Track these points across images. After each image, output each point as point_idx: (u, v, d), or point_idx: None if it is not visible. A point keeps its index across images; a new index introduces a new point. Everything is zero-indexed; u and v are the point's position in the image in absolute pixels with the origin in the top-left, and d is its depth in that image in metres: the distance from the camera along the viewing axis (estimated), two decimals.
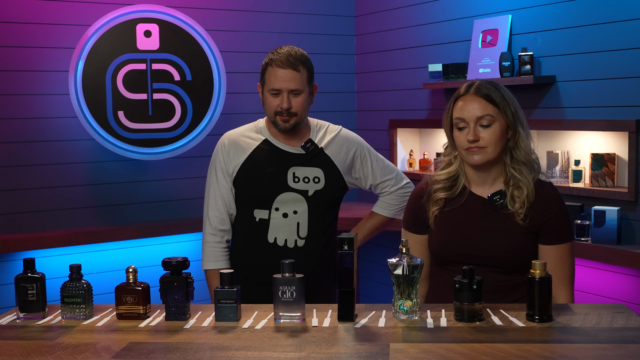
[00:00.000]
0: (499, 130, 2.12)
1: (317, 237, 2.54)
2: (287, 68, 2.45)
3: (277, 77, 2.46)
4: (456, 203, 2.20)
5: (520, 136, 2.14)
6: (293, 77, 2.46)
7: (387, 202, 2.70)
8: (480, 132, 2.11)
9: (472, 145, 2.11)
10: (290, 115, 2.48)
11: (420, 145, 4.48)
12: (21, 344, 1.77)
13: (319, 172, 2.54)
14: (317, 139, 2.58)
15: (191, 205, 4.32)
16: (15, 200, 3.89)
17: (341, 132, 2.63)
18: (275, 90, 2.47)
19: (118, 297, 1.95)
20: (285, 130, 2.51)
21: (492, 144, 2.11)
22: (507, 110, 2.12)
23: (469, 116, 2.12)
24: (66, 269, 2.09)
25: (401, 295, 1.87)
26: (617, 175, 3.31)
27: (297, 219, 2.51)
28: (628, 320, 1.83)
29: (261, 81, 2.55)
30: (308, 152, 2.54)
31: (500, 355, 1.60)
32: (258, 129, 2.60)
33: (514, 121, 2.13)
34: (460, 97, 2.16)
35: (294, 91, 2.47)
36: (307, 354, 1.65)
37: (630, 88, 3.22)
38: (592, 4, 3.36)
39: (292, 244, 2.51)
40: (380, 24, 4.62)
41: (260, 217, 2.52)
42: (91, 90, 3.85)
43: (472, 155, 2.12)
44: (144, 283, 1.97)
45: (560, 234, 2.13)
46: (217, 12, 4.36)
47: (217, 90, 4.13)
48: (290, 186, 2.51)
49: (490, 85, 2.14)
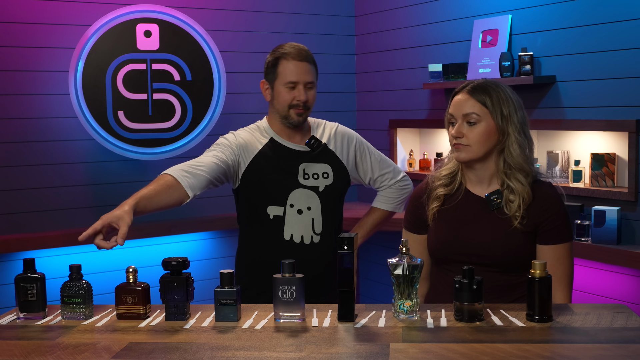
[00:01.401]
0: (484, 130, 2.12)
1: (332, 233, 2.54)
2: (303, 61, 2.46)
3: (294, 69, 2.45)
4: (453, 201, 2.20)
5: (510, 139, 2.12)
6: (308, 70, 2.48)
7: (386, 196, 2.70)
8: (464, 129, 2.13)
9: (457, 141, 2.14)
10: (305, 109, 2.49)
11: (420, 145, 4.48)
12: (21, 344, 1.77)
13: (327, 167, 2.55)
14: (318, 136, 2.59)
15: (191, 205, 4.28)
16: (15, 200, 3.89)
17: (339, 128, 2.64)
18: (292, 83, 2.46)
19: (118, 297, 1.95)
20: (297, 123, 2.50)
21: (476, 143, 2.12)
22: (497, 111, 2.12)
23: (456, 113, 2.15)
24: (66, 269, 2.09)
25: (401, 295, 1.88)
26: (617, 175, 3.31)
27: (311, 215, 2.50)
28: (628, 320, 1.83)
29: (270, 77, 2.51)
30: (313, 149, 2.54)
31: (500, 355, 1.60)
32: (261, 129, 2.58)
33: (504, 123, 2.12)
34: (455, 94, 2.19)
35: (308, 84, 2.48)
36: (307, 354, 1.65)
37: (630, 88, 3.22)
38: (592, 4, 3.36)
39: (308, 240, 2.50)
40: (380, 24, 4.62)
41: (275, 214, 2.50)
42: (91, 90, 3.86)
43: (458, 152, 2.16)
44: (144, 283, 1.97)
45: (558, 233, 2.13)
46: (217, 12, 4.36)
47: (217, 90, 4.13)
48: (301, 183, 2.51)
49: (487, 86, 2.14)
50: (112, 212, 2.07)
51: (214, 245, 4.42)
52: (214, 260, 4.37)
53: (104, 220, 2.03)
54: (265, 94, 2.55)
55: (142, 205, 2.18)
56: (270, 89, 2.52)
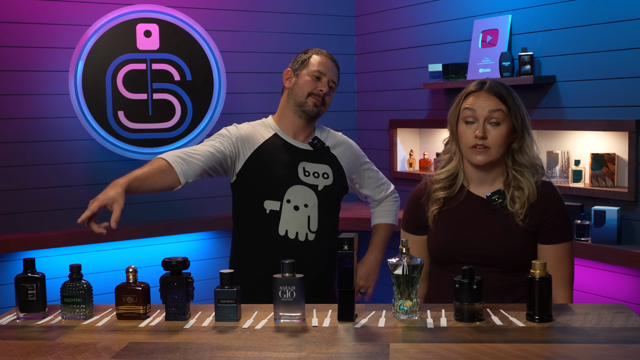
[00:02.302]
0: (506, 131, 2.11)
1: (327, 233, 2.54)
2: (333, 62, 2.58)
3: (324, 63, 2.54)
4: (454, 202, 2.19)
5: (526, 142, 2.13)
6: (336, 71, 2.59)
7: (385, 210, 2.75)
8: (489, 129, 2.10)
9: (479, 142, 2.09)
10: (323, 104, 2.53)
11: (420, 145, 4.48)
12: (21, 344, 1.77)
13: (327, 168, 2.57)
14: (322, 139, 2.61)
15: (191, 205, 4.32)
16: (15, 200, 3.89)
17: (344, 138, 2.69)
18: (319, 74, 2.52)
19: (118, 297, 1.95)
20: (310, 114, 2.52)
21: (496, 146, 2.10)
22: (517, 113, 2.12)
23: (480, 110, 2.10)
24: (66, 269, 2.09)
25: (401, 295, 1.88)
26: (617, 175, 3.31)
27: (307, 212, 2.51)
28: (628, 320, 1.83)
29: (296, 66, 2.56)
30: (315, 149, 2.57)
31: (500, 355, 1.60)
32: (266, 124, 2.60)
33: (522, 126, 2.12)
34: (472, 93, 2.14)
35: (332, 82, 2.55)
36: (307, 354, 1.65)
37: (630, 88, 3.22)
38: (592, 4, 3.36)
39: (303, 237, 2.50)
40: (380, 24, 4.62)
41: (271, 209, 2.50)
42: (91, 90, 3.86)
43: (476, 155, 2.11)
44: (144, 283, 1.97)
45: (559, 233, 2.13)
46: (217, 12, 4.36)
47: (217, 90, 4.13)
48: (301, 179, 2.51)
49: (504, 86, 2.14)
50: (105, 192, 2.10)
51: (214, 245, 4.42)
52: (214, 260, 4.37)
53: (99, 202, 2.07)
54: (286, 81, 2.58)
55: (134, 187, 2.19)
56: (293, 77, 2.56)
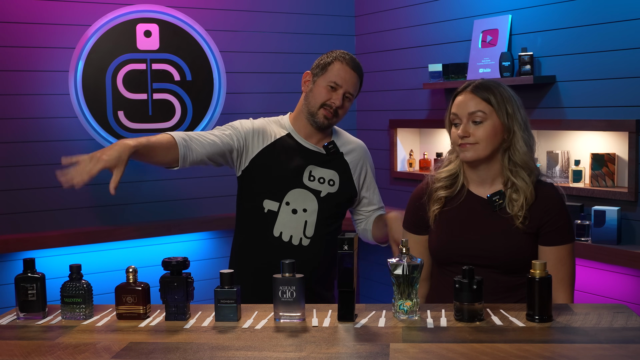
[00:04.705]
0: (491, 128, 2.11)
1: (322, 240, 2.52)
2: (355, 72, 2.50)
3: (343, 74, 2.48)
4: (455, 202, 2.19)
5: (516, 137, 2.12)
6: (355, 82, 2.51)
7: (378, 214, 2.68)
8: (471, 128, 2.11)
9: (463, 141, 2.12)
10: (335, 115, 2.50)
11: (420, 145, 4.48)
12: (21, 344, 1.77)
13: (335, 175, 2.54)
14: (338, 144, 2.58)
15: (191, 205, 4.32)
16: (15, 200, 3.89)
17: (362, 145, 2.66)
18: (335, 85, 2.48)
19: (118, 297, 1.95)
20: (321, 125, 2.50)
21: (483, 141, 2.10)
22: (502, 109, 2.11)
23: (461, 113, 2.13)
24: (66, 269, 2.09)
25: (401, 295, 1.87)
26: (617, 175, 3.31)
27: (305, 217, 2.50)
28: (628, 320, 1.83)
29: (317, 72, 2.52)
30: (329, 153, 2.54)
31: (500, 355, 1.60)
32: (282, 123, 2.59)
33: (509, 121, 2.12)
34: (457, 95, 2.18)
35: (348, 94, 2.50)
36: (307, 354, 1.65)
37: (630, 88, 3.22)
38: (592, 4, 3.36)
39: (297, 242, 2.49)
40: (380, 24, 4.62)
41: (270, 209, 2.49)
42: (91, 90, 3.86)
43: (464, 152, 2.13)
44: (144, 283, 1.97)
45: (559, 234, 2.12)
46: (217, 12, 4.36)
47: (217, 90, 4.13)
48: (304, 183, 2.50)
49: (490, 85, 2.14)
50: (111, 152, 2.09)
51: (214, 245, 4.42)
52: (214, 260, 4.37)
53: (104, 164, 2.07)
54: (304, 85, 2.56)
55: (140, 154, 2.20)
56: (311, 82, 2.54)
